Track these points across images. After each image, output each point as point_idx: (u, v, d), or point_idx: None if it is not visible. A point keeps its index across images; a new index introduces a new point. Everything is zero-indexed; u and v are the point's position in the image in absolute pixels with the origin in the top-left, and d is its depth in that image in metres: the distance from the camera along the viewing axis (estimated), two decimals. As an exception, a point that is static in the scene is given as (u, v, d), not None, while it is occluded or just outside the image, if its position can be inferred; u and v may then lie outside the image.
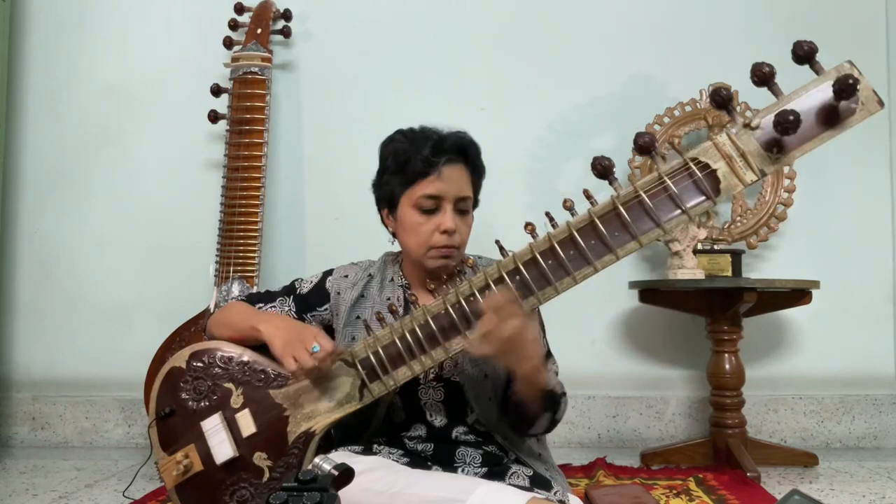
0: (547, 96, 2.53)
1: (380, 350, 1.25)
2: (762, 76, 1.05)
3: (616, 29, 2.54)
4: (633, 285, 2.26)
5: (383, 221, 1.43)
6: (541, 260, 1.16)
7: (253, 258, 2.18)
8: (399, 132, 1.38)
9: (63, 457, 2.36)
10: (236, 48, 2.37)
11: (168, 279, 2.52)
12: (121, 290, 2.55)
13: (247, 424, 1.30)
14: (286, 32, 2.46)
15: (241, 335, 1.35)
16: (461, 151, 1.34)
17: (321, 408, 1.28)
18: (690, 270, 2.14)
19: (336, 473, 0.91)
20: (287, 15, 2.47)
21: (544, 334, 1.41)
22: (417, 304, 1.26)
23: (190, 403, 1.33)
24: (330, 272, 1.46)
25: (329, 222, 2.54)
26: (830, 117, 1.06)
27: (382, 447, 1.32)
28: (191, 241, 2.48)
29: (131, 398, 2.49)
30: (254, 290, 2.14)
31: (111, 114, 2.60)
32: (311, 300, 1.43)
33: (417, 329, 1.22)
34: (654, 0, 2.54)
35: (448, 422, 1.34)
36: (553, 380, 1.28)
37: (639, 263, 2.48)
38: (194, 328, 2.16)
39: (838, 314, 2.43)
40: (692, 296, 2.20)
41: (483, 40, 2.56)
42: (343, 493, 0.90)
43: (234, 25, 2.41)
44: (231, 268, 2.17)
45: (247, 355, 1.34)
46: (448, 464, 1.28)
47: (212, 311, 2.13)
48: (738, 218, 2.35)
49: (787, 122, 1.02)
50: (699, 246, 2.22)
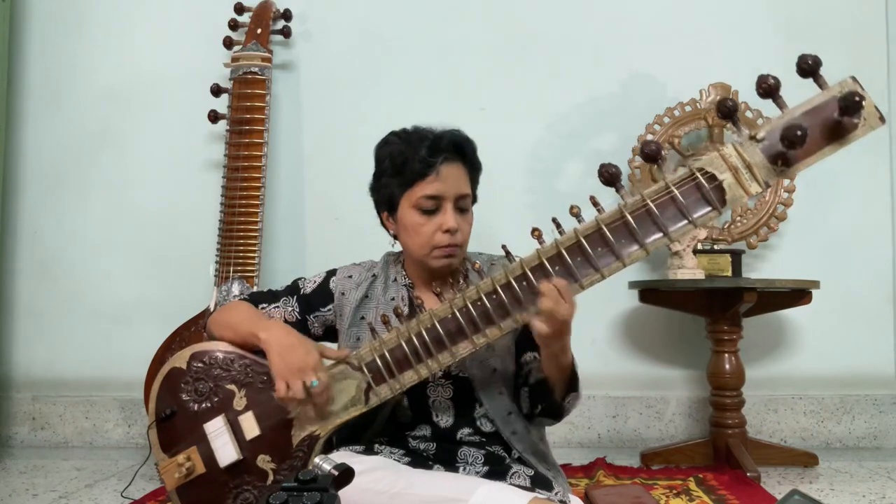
0: (547, 96, 2.53)
1: (386, 353, 1.24)
2: (767, 88, 1.07)
3: (616, 29, 2.54)
4: (633, 285, 2.26)
5: (383, 224, 1.43)
6: (548, 265, 1.17)
7: (253, 258, 2.18)
8: (393, 134, 1.38)
9: (63, 457, 2.36)
10: (236, 48, 2.37)
11: (168, 279, 2.52)
12: (121, 291, 2.55)
13: (250, 427, 1.29)
14: (286, 32, 2.46)
15: (242, 339, 1.33)
16: (458, 149, 1.34)
17: (326, 411, 1.27)
18: (690, 270, 2.14)
19: (336, 473, 0.91)
20: (287, 15, 2.47)
21: None
22: (423, 307, 1.25)
23: (191, 405, 1.32)
24: (333, 272, 1.45)
25: (329, 222, 2.54)
26: (834, 132, 1.08)
27: (384, 447, 1.31)
28: (191, 241, 2.48)
29: (131, 398, 2.48)
30: (254, 290, 2.13)
31: (111, 114, 2.60)
32: (315, 300, 1.42)
33: (424, 333, 1.22)
34: (655, 0, 2.54)
35: (454, 423, 1.34)
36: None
37: (639, 263, 2.46)
38: (194, 328, 2.16)
39: (838, 314, 2.43)
40: (692, 296, 2.20)
41: (483, 40, 2.55)
42: (344, 493, 0.90)
43: (234, 25, 2.41)
44: (231, 268, 2.17)
45: (249, 356, 1.33)
46: (450, 463, 1.28)
47: (212, 312, 2.13)
48: (738, 218, 2.35)
49: (795, 137, 1.04)
50: (699, 246, 2.22)
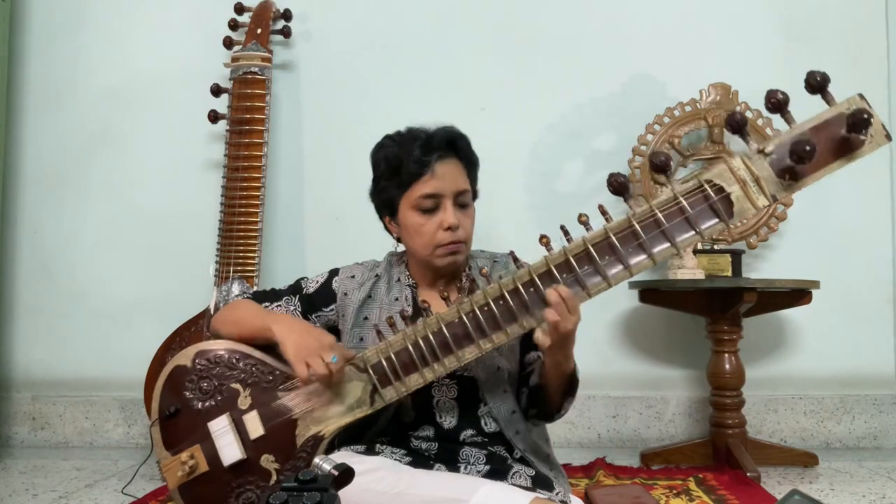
0: (547, 96, 2.53)
1: (392, 356, 1.24)
2: (776, 103, 1.08)
3: (616, 29, 2.54)
4: (633, 285, 2.26)
5: (387, 228, 1.43)
6: (556, 273, 1.18)
7: (253, 258, 2.18)
8: (387, 137, 1.38)
9: (63, 457, 2.36)
10: (236, 48, 2.37)
11: (168, 279, 2.52)
12: (121, 291, 2.55)
13: (255, 426, 1.28)
14: (286, 32, 2.46)
15: (251, 334, 1.33)
16: (451, 145, 1.34)
17: (331, 412, 1.27)
18: (690, 270, 2.14)
19: (336, 473, 0.91)
20: (287, 15, 2.47)
21: None
22: (430, 310, 1.25)
23: (195, 403, 1.31)
24: (336, 272, 1.45)
25: (329, 222, 2.54)
26: (841, 148, 1.09)
27: (385, 447, 1.31)
28: (191, 241, 2.48)
29: (131, 398, 2.48)
30: (254, 290, 2.13)
31: (111, 114, 2.60)
32: (317, 300, 1.42)
33: (431, 336, 1.22)
34: (655, 0, 2.55)
35: (458, 424, 1.33)
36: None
37: (639, 263, 2.48)
38: (194, 328, 2.16)
39: (838, 314, 2.43)
40: (692, 296, 2.20)
41: (483, 40, 2.56)
42: (345, 493, 0.91)
43: (234, 25, 2.41)
44: (231, 268, 2.17)
45: (255, 356, 1.32)
46: (451, 463, 1.28)
47: (212, 312, 2.13)
48: (738, 218, 2.35)
49: (804, 153, 1.05)
50: (699, 246, 2.22)
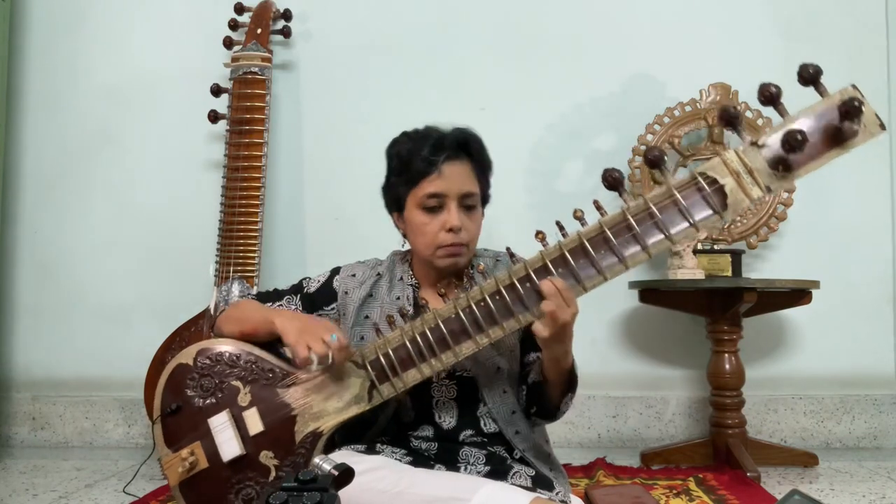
0: (547, 96, 2.53)
1: (390, 352, 1.25)
2: (769, 96, 1.08)
3: (616, 29, 2.54)
4: (633, 285, 2.26)
5: (396, 224, 1.43)
6: (551, 267, 1.18)
7: (253, 258, 2.18)
8: (403, 134, 1.39)
9: (63, 457, 2.36)
10: (236, 48, 2.37)
11: (168, 279, 2.52)
12: (121, 291, 2.55)
13: (254, 423, 1.29)
14: (286, 32, 2.46)
15: (254, 328, 1.34)
16: (461, 147, 1.34)
17: (330, 408, 1.28)
18: (690, 270, 2.14)
19: (336, 473, 0.91)
20: (287, 15, 2.47)
21: None
22: (428, 307, 1.26)
23: (196, 400, 1.32)
24: (337, 271, 1.46)
25: (329, 222, 2.54)
26: (834, 138, 1.09)
27: (385, 446, 1.31)
28: (191, 241, 2.48)
29: (131, 398, 2.48)
30: (254, 290, 2.14)
31: (111, 114, 2.60)
32: (318, 299, 1.43)
33: (428, 332, 1.23)
34: (655, 0, 2.55)
35: (457, 424, 1.34)
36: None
37: (639, 263, 2.47)
38: (194, 328, 2.16)
39: (838, 314, 2.43)
40: (692, 296, 2.20)
41: (483, 40, 2.56)
42: (345, 493, 0.90)
43: (234, 25, 2.41)
44: (231, 268, 2.17)
45: (255, 353, 1.33)
46: (451, 463, 1.28)
47: (212, 312, 2.13)
48: (738, 218, 2.35)
49: (795, 142, 1.05)
50: (699, 246, 2.22)
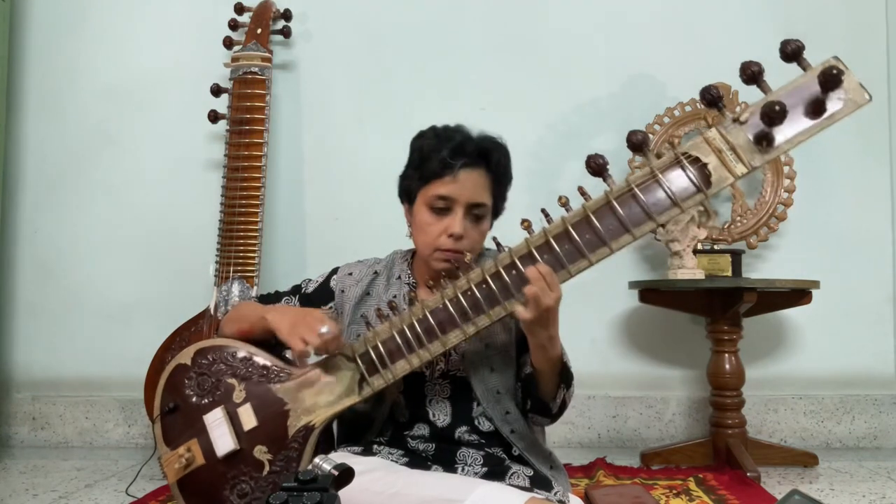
0: (547, 96, 2.53)
1: (379, 345, 1.27)
2: (751, 74, 1.09)
3: (616, 29, 2.54)
4: (633, 285, 2.26)
5: (405, 215, 1.43)
6: (536, 255, 1.19)
7: (253, 258, 2.18)
8: (432, 128, 1.37)
9: (63, 457, 2.36)
10: (236, 48, 2.37)
11: (168, 279, 2.52)
12: (121, 290, 2.55)
13: (248, 418, 1.31)
14: (286, 32, 2.46)
15: (250, 327, 1.37)
16: (482, 155, 1.31)
17: (321, 401, 1.30)
18: (690, 270, 2.14)
19: (336, 473, 0.91)
20: (287, 15, 2.47)
21: None
22: (416, 299, 1.27)
23: (193, 399, 1.34)
24: (335, 270, 1.48)
25: (329, 222, 2.54)
26: (817, 110, 1.09)
27: (382, 447, 1.32)
28: (191, 241, 2.48)
29: (131, 398, 2.48)
30: (254, 291, 2.15)
31: (111, 114, 2.60)
32: (315, 299, 1.45)
33: (416, 324, 1.24)
34: (655, 0, 2.54)
35: (452, 421, 1.34)
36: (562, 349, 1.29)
37: (639, 263, 2.47)
38: (194, 328, 2.16)
39: (838, 314, 2.43)
40: (692, 296, 2.20)
41: (483, 40, 2.56)
42: (342, 494, 0.90)
43: (234, 25, 2.41)
44: (231, 268, 2.17)
45: (250, 351, 1.35)
46: (449, 464, 1.28)
47: (212, 312, 2.14)
48: (738, 218, 2.35)
49: (774, 113, 1.05)
50: (699, 246, 2.22)
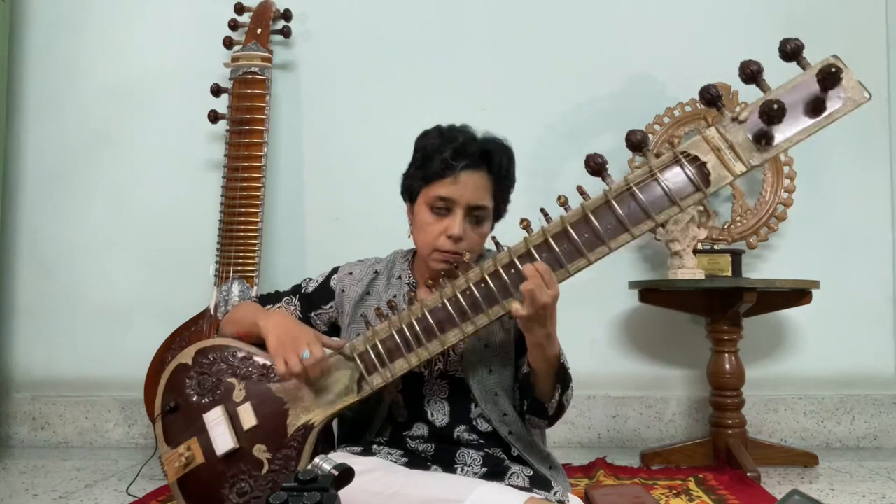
0: (547, 96, 2.53)
1: (378, 344, 1.27)
2: (750, 73, 1.10)
3: (616, 29, 2.54)
4: (633, 285, 2.26)
5: (407, 213, 1.43)
6: (535, 254, 1.19)
7: (253, 258, 2.18)
8: (436, 128, 1.37)
9: (63, 457, 2.36)
10: (236, 48, 2.37)
11: (168, 279, 2.52)
12: (121, 291, 2.55)
13: (248, 417, 1.31)
14: (286, 32, 2.46)
15: (246, 330, 1.38)
16: (484, 157, 1.31)
17: (320, 401, 1.30)
18: (690, 270, 2.14)
19: (336, 473, 0.91)
20: (287, 15, 2.47)
21: None
22: (416, 298, 1.27)
23: (194, 398, 1.35)
24: (336, 270, 1.48)
25: (329, 222, 2.54)
26: (816, 109, 1.09)
27: (382, 448, 1.32)
28: (191, 241, 2.48)
29: (131, 398, 2.48)
30: (254, 291, 2.15)
31: (111, 114, 2.60)
32: (316, 298, 1.45)
33: (415, 323, 1.25)
34: (655, 0, 2.54)
35: (450, 421, 1.34)
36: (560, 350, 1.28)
37: (639, 263, 2.47)
38: (194, 328, 2.16)
39: (838, 314, 2.43)
40: (692, 296, 2.20)
41: (483, 40, 2.55)
42: (341, 494, 0.90)
43: (234, 25, 2.41)
44: (231, 268, 2.17)
45: (250, 350, 1.36)
46: (448, 464, 1.28)
47: (212, 312, 2.14)
48: (738, 218, 2.35)
49: (772, 111, 1.05)
50: (699, 246, 2.22)
